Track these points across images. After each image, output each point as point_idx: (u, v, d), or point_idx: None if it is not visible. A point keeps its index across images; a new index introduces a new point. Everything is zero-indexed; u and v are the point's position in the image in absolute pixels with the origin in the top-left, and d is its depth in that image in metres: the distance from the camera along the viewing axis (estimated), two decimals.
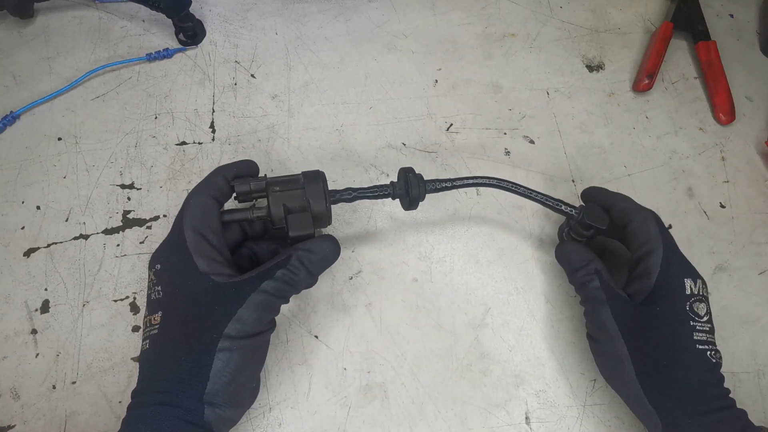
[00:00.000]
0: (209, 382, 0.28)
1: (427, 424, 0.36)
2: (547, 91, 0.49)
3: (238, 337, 0.29)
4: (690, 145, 0.48)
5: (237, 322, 0.29)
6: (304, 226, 0.33)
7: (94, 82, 0.46)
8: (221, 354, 0.29)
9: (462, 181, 0.37)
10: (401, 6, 0.53)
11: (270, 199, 0.33)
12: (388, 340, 0.38)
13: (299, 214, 0.33)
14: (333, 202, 0.35)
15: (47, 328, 0.37)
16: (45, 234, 0.40)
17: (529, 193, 0.37)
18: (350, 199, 0.36)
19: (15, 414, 0.35)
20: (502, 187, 0.37)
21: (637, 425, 0.36)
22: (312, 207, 0.33)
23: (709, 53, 0.51)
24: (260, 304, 0.30)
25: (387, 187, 0.36)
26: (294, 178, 0.34)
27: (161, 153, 0.44)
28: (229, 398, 0.29)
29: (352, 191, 0.36)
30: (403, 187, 0.36)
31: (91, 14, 0.50)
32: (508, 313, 0.40)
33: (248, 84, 0.47)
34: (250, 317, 0.30)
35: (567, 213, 0.37)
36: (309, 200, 0.33)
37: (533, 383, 0.38)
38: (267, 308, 0.31)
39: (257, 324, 0.30)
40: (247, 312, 0.30)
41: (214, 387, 0.28)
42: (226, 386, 0.29)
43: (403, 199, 0.37)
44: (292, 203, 0.33)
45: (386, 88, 0.48)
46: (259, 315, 0.30)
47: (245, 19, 0.51)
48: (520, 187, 0.37)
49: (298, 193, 0.33)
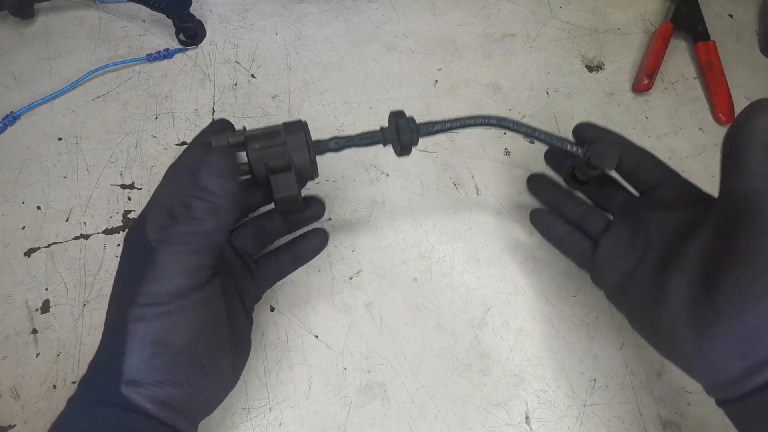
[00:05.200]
0: (126, 357, 0.24)
1: (427, 423, 0.36)
2: (547, 91, 0.49)
3: (152, 303, 0.25)
4: (689, 145, 0.48)
5: (149, 282, 0.25)
6: (288, 186, 0.30)
7: (95, 83, 0.46)
8: (136, 325, 0.25)
9: (460, 122, 0.34)
10: (401, 6, 0.53)
11: (250, 158, 0.30)
12: (388, 339, 0.38)
13: (282, 174, 0.30)
14: (319, 152, 0.32)
15: (48, 328, 0.37)
16: (45, 234, 0.40)
17: (533, 132, 0.34)
18: (338, 149, 0.33)
19: (15, 414, 0.35)
20: (502, 126, 0.34)
21: (637, 425, 0.37)
22: (294, 161, 0.31)
23: (709, 53, 0.51)
24: (169, 256, 0.25)
25: (377, 134, 0.33)
26: (275, 131, 0.31)
27: (162, 153, 0.44)
28: (161, 375, 0.25)
29: (340, 139, 0.33)
30: (394, 132, 0.33)
31: (91, 14, 0.50)
32: (508, 313, 0.40)
33: (248, 84, 0.48)
34: (162, 275, 0.25)
35: (572, 152, 0.34)
36: (291, 156, 0.30)
37: (533, 383, 0.38)
38: (180, 262, 0.25)
39: (174, 281, 0.25)
40: (157, 268, 0.25)
41: (134, 363, 0.24)
42: (150, 361, 0.25)
43: (394, 144, 0.34)
44: (274, 162, 0.30)
45: (386, 88, 0.48)
46: (174, 270, 0.25)
47: (245, 19, 0.51)
48: (522, 126, 0.34)
49: (279, 150, 0.30)
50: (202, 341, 0.26)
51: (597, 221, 0.36)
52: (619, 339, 0.39)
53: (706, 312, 0.27)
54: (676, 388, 0.38)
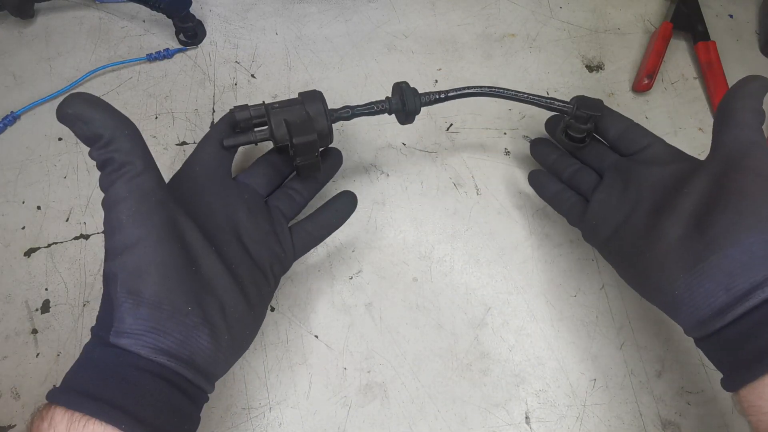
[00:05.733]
0: (114, 311, 0.25)
1: (427, 423, 0.36)
2: (547, 91, 0.49)
3: (113, 256, 0.26)
4: (689, 146, 0.48)
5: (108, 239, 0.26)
6: (307, 131, 0.32)
7: (95, 83, 0.46)
8: (111, 279, 0.26)
9: (456, 92, 0.37)
10: (401, 6, 0.53)
11: (271, 117, 0.33)
12: (388, 339, 0.38)
13: (301, 123, 0.33)
14: (333, 120, 0.35)
15: (48, 328, 0.37)
16: (45, 234, 0.40)
17: (523, 96, 0.37)
18: (348, 117, 0.36)
19: (15, 414, 0.35)
20: (493, 95, 0.37)
21: (637, 425, 0.37)
22: (314, 122, 0.34)
23: (709, 53, 0.51)
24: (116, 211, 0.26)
25: (383, 102, 0.36)
26: (293, 99, 0.34)
27: (162, 153, 0.44)
28: (146, 324, 0.25)
29: (350, 108, 0.36)
30: (399, 101, 0.36)
31: (91, 14, 0.50)
32: (508, 313, 0.40)
33: (248, 84, 0.48)
34: (115, 229, 0.26)
35: (561, 109, 0.37)
36: (310, 115, 0.34)
37: (533, 383, 0.38)
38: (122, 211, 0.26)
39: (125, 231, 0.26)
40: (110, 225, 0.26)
41: (121, 315, 0.25)
42: (134, 311, 0.25)
43: (399, 113, 0.37)
44: (292, 117, 0.33)
45: (386, 88, 0.48)
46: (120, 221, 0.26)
47: (245, 19, 0.51)
48: (510, 92, 0.37)
49: (297, 108, 0.33)
50: (173, 286, 0.26)
51: (588, 179, 0.38)
52: (619, 339, 0.39)
53: (697, 247, 0.28)
54: (676, 388, 0.38)
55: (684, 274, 0.28)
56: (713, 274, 0.27)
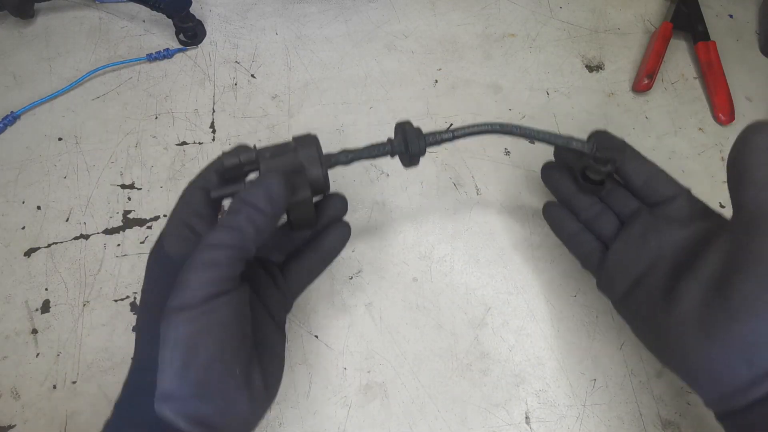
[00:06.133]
0: (159, 369, 0.24)
1: (427, 423, 0.36)
2: (546, 91, 0.49)
3: (181, 309, 0.24)
4: (689, 146, 0.48)
5: (180, 289, 0.24)
6: (300, 188, 0.30)
7: (95, 83, 0.46)
8: (167, 332, 0.24)
9: (464, 130, 0.33)
10: (401, 6, 0.53)
11: (262, 167, 0.30)
12: (388, 340, 0.38)
13: (294, 176, 0.30)
14: (329, 166, 0.32)
15: (48, 328, 0.37)
16: (45, 234, 0.40)
17: (537, 134, 0.34)
18: (347, 162, 0.33)
19: (15, 414, 0.35)
20: (505, 132, 0.34)
21: (637, 425, 0.37)
22: (307, 172, 0.31)
23: (709, 53, 0.51)
24: (204, 261, 0.25)
25: (385, 145, 0.33)
26: (285, 145, 0.31)
27: (162, 153, 0.44)
28: (193, 388, 0.24)
29: (349, 152, 0.33)
30: (401, 143, 0.33)
31: (91, 14, 0.50)
32: (508, 313, 0.40)
33: (248, 84, 0.48)
34: (193, 280, 0.24)
35: (578, 149, 0.34)
36: (304, 164, 0.30)
37: (533, 383, 0.38)
38: (214, 265, 0.25)
39: (206, 287, 0.24)
40: (188, 274, 0.24)
41: (166, 375, 0.24)
42: (182, 371, 0.24)
43: (402, 155, 0.34)
44: (284, 169, 0.30)
45: (386, 88, 0.48)
46: (207, 276, 0.25)
47: (245, 19, 0.51)
48: (526, 129, 0.34)
49: (290, 157, 0.30)
50: (231, 348, 0.25)
51: (609, 224, 0.35)
52: (619, 339, 0.39)
53: (718, 314, 0.26)
54: (676, 388, 0.38)
55: (703, 342, 0.26)
56: (734, 346, 0.25)
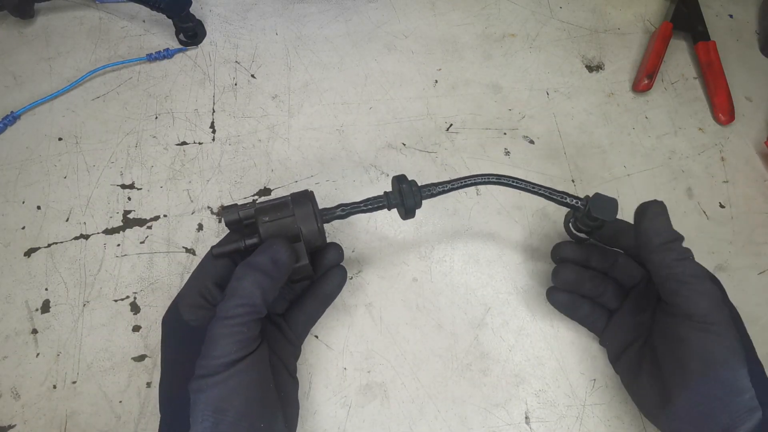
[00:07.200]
0: (191, 430, 0.26)
1: (427, 423, 0.36)
2: (546, 91, 0.49)
3: (207, 374, 0.27)
4: (689, 145, 0.48)
5: (205, 358, 0.27)
6: (301, 257, 0.32)
7: (95, 83, 0.46)
8: (197, 396, 0.26)
9: (460, 182, 0.35)
10: (401, 6, 0.53)
11: (260, 231, 0.32)
12: (388, 340, 0.38)
13: (295, 244, 0.32)
14: (326, 220, 0.34)
15: (48, 328, 0.37)
16: (45, 234, 0.40)
17: (532, 188, 0.36)
18: (344, 216, 0.34)
19: (15, 414, 0.35)
20: (503, 183, 0.36)
21: (637, 425, 0.37)
22: (303, 231, 0.32)
23: (709, 53, 0.51)
24: (220, 331, 0.27)
25: (381, 199, 0.34)
26: (283, 203, 0.33)
27: (162, 153, 0.44)
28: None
29: (346, 207, 0.34)
30: (397, 197, 0.34)
31: (91, 14, 0.50)
32: (508, 313, 0.40)
33: (248, 84, 0.48)
34: (217, 348, 0.27)
35: (572, 205, 0.36)
36: (300, 226, 0.32)
37: (533, 383, 0.38)
38: (230, 333, 0.27)
39: (230, 354, 0.27)
40: (211, 345, 0.27)
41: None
42: (212, 431, 0.26)
43: (399, 208, 0.35)
44: (283, 233, 0.32)
45: (386, 88, 0.48)
46: (229, 342, 0.27)
47: (245, 19, 0.51)
48: (521, 182, 0.35)
49: (288, 221, 0.32)
50: (257, 404, 0.28)
51: (613, 299, 0.37)
52: None
53: (662, 391, 0.31)
54: None
55: (660, 412, 0.31)
56: (683, 418, 0.30)
